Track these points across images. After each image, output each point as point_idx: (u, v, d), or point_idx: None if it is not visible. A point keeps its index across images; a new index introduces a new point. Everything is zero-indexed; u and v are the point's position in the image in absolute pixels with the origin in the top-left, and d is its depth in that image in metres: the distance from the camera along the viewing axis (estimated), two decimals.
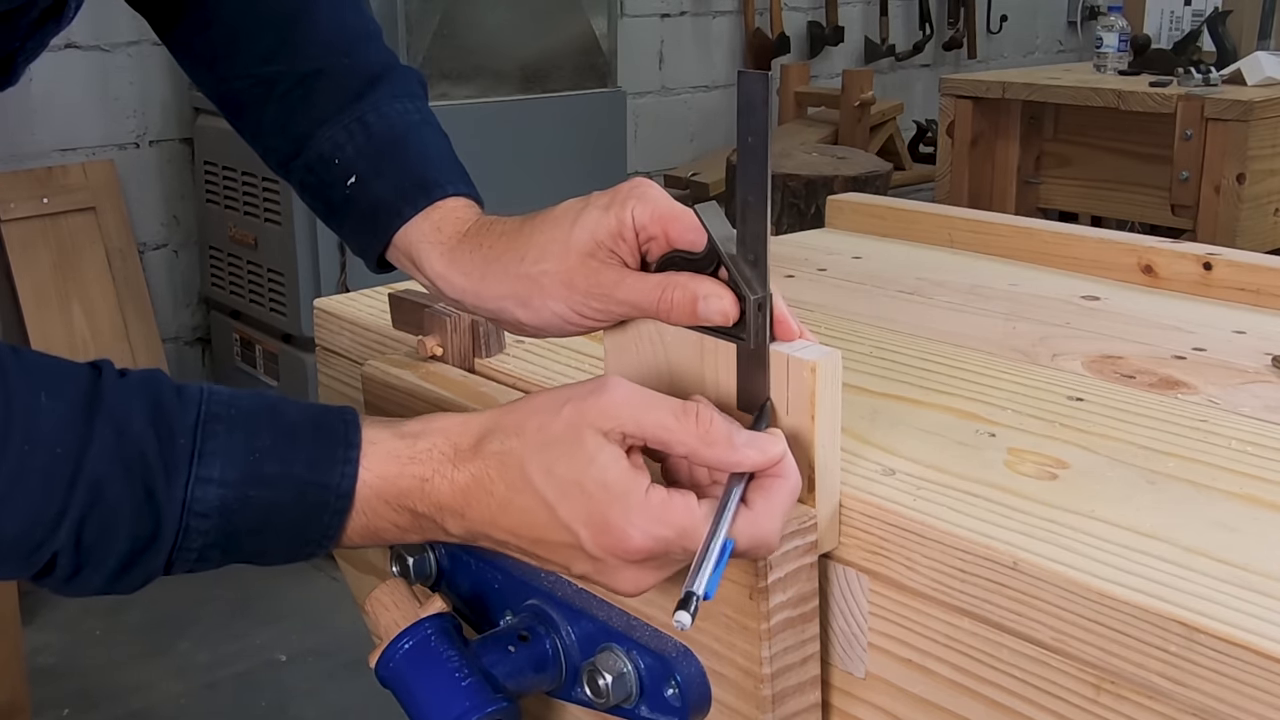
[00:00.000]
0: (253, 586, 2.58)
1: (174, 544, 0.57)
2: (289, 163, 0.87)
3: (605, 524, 0.56)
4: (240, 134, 0.92)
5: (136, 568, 0.58)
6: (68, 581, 0.58)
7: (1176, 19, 3.38)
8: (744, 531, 0.54)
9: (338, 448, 0.60)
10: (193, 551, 0.58)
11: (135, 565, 0.58)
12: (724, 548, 0.52)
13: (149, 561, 0.58)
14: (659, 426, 0.56)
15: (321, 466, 0.59)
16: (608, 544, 0.56)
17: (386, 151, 0.84)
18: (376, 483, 0.60)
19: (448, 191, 0.82)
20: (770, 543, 0.55)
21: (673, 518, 0.55)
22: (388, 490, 0.60)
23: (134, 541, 0.57)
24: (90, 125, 2.85)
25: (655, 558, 0.56)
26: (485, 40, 2.72)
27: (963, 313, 0.91)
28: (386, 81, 0.87)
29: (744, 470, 0.55)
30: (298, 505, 0.59)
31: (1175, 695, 0.48)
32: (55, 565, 0.56)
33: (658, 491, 0.55)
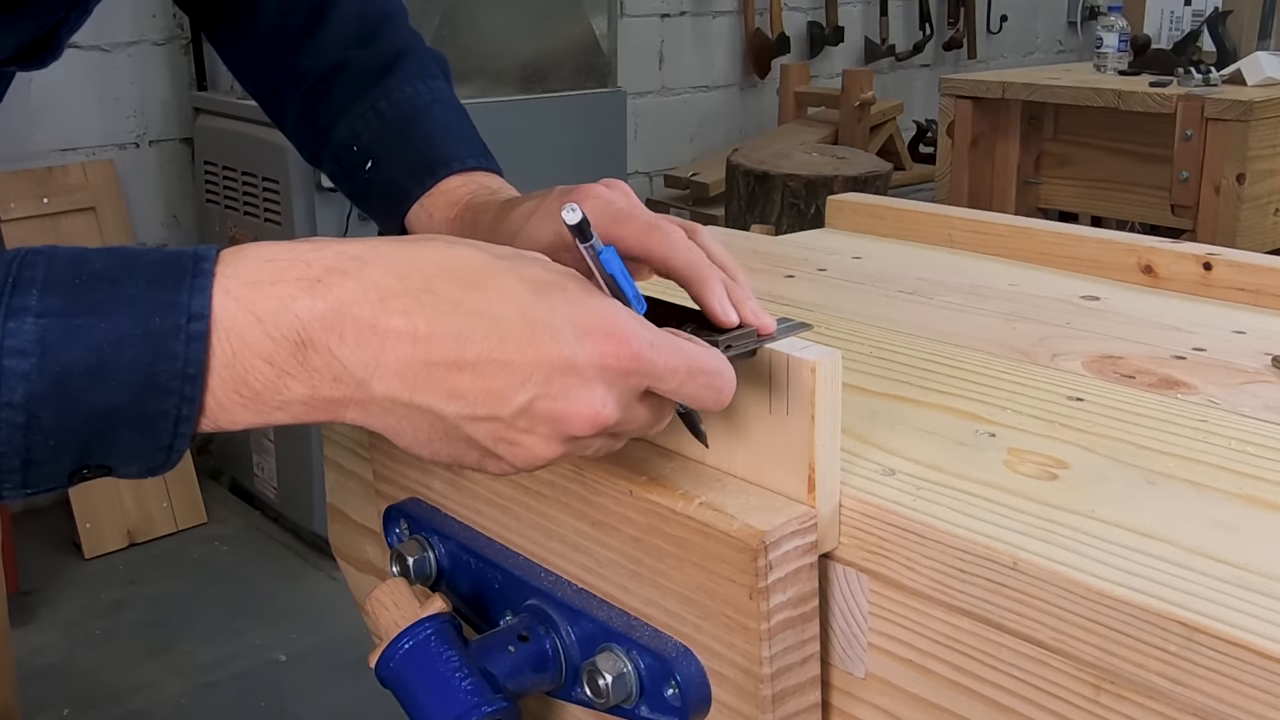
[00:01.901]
0: (253, 586, 2.58)
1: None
2: (319, 153, 0.91)
3: (606, 322, 0.50)
4: (278, 128, 0.95)
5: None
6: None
7: (1176, 19, 3.38)
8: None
9: (185, 261, 0.48)
10: (17, 410, 0.46)
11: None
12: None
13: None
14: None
15: (166, 282, 0.47)
16: (603, 340, 0.50)
17: (397, 135, 0.87)
18: (243, 292, 0.48)
19: (452, 169, 0.84)
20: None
21: (687, 351, 0.52)
22: (260, 301, 0.47)
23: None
24: (90, 125, 2.85)
25: (631, 392, 0.51)
26: (485, 40, 2.72)
27: (963, 313, 0.91)
28: (400, 66, 0.90)
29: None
30: (138, 332, 0.46)
31: (1175, 695, 0.48)
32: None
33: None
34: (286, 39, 0.91)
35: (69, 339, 0.46)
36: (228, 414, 0.49)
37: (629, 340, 0.51)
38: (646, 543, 0.60)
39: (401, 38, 0.92)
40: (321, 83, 0.90)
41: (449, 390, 0.49)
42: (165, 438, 0.49)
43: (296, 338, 0.48)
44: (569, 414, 0.50)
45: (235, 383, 0.48)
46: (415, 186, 0.83)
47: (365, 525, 0.86)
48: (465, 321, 0.49)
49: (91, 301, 0.47)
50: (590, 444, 0.53)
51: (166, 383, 0.47)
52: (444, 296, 0.49)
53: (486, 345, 0.49)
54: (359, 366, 0.49)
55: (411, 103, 0.88)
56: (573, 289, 0.52)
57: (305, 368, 0.48)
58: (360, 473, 0.85)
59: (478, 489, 0.70)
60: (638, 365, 0.51)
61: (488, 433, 0.51)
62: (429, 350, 0.49)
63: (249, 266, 0.48)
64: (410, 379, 0.49)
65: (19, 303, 0.46)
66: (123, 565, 2.68)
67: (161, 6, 2.92)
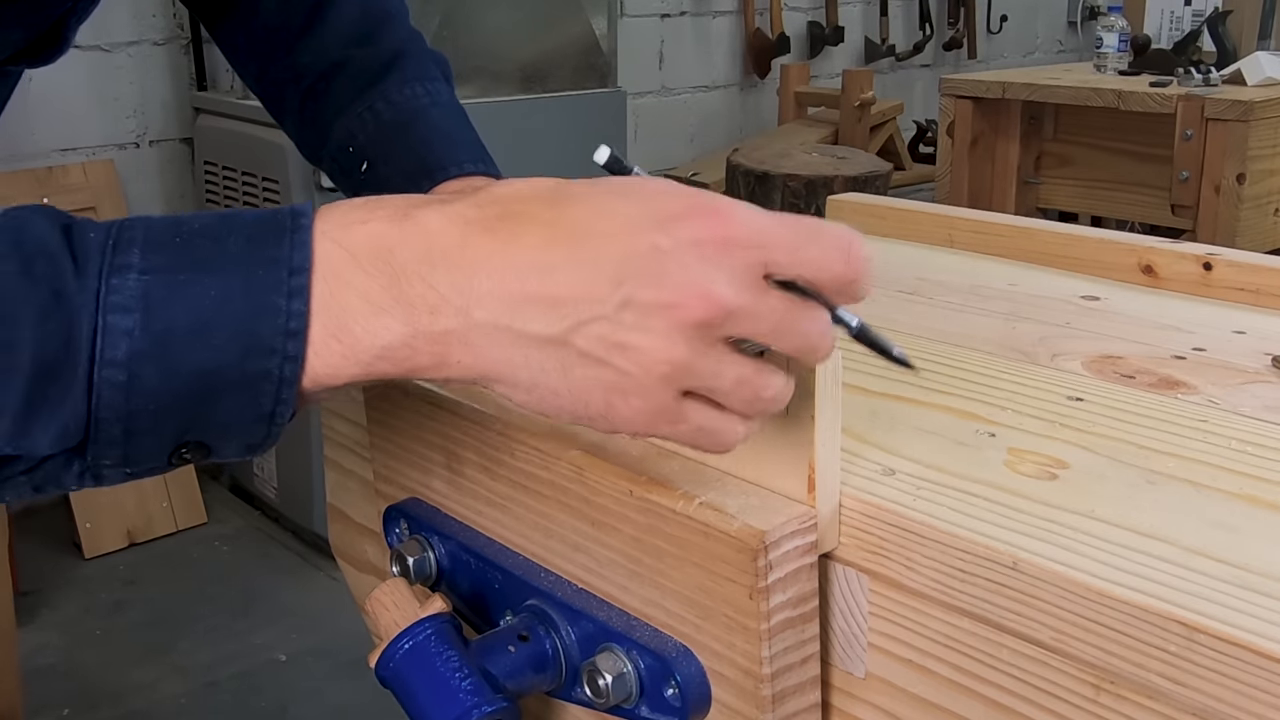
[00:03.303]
0: (253, 586, 2.58)
1: (92, 353, 0.45)
2: (318, 152, 0.91)
3: (695, 201, 0.47)
4: (280, 126, 0.95)
5: (51, 397, 0.45)
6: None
7: (1176, 19, 3.38)
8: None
9: (284, 218, 0.48)
10: (119, 368, 0.45)
11: (49, 392, 0.45)
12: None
13: (66, 385, 0.45)
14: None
15: (266, 238, 0.47)
16: (693, 219, 0.46)
17: (394, 137, 0.86)
18: (337, 233, 0.48)
19: (450, 173, 0.84)
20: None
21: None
22: (353, 239, 0.47)
23: (41, 351, 0.45)
24: (90, 125, 2.85)
25: (745, 269, 0.46)
26: (485, 40, 2.72)
27: (963, 313, 0.91)
28: (399, 67, 0.89)
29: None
30: (240, 287, 0.46)
31: (1175, 695, 0.48)
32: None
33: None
34: (287, 35, 0.91)
35: (172, 295, 0.46)
36: (328, 366, 0.48)
37: (721, 213, 0.47)
38: (646, 543, 0.60)
39: (402, 38, 0.92)
40: (321, 81, 0.90)
41: (546, 300, 0.47)
42: (268, 403, 0.48)
43: (390, 269, 0.47)
44: (676, 297, 0.46)
45: (334, 327, 0.47)
46: (411, 189, 0.83)
47: (365, 525, 0.86)
48: (546, 229, 0.47)
49: (194, 258, 0.46)
50: (725, 358, 0.48)
51: (269, 339, 0.46)
52: (522, 213, 0.48)
53: (570, 246, 0.47)
54: (454, 291, 0.47)
55: (410, 105, 0.87)
56: (652, 185, 0.49)
57: (401, 301, 0.47)
58: (360, 473, 0.85)
59: (478, 489, 0.70)
60: (741, 234, 0.47)
61: (598, 338, 0.47)
62: (517, 262, 0.47)
63: (340, 213, 0.48)
64: (506, 297, 0.47)
65: (121, 260, 0.46)
66: (123, 565, 2.68)
67: (161, 6, 2.92)
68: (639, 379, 0.48)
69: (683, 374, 0.48)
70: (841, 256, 0.49)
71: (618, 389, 0.48)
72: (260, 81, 0.95)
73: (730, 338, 0.48)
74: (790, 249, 0.48)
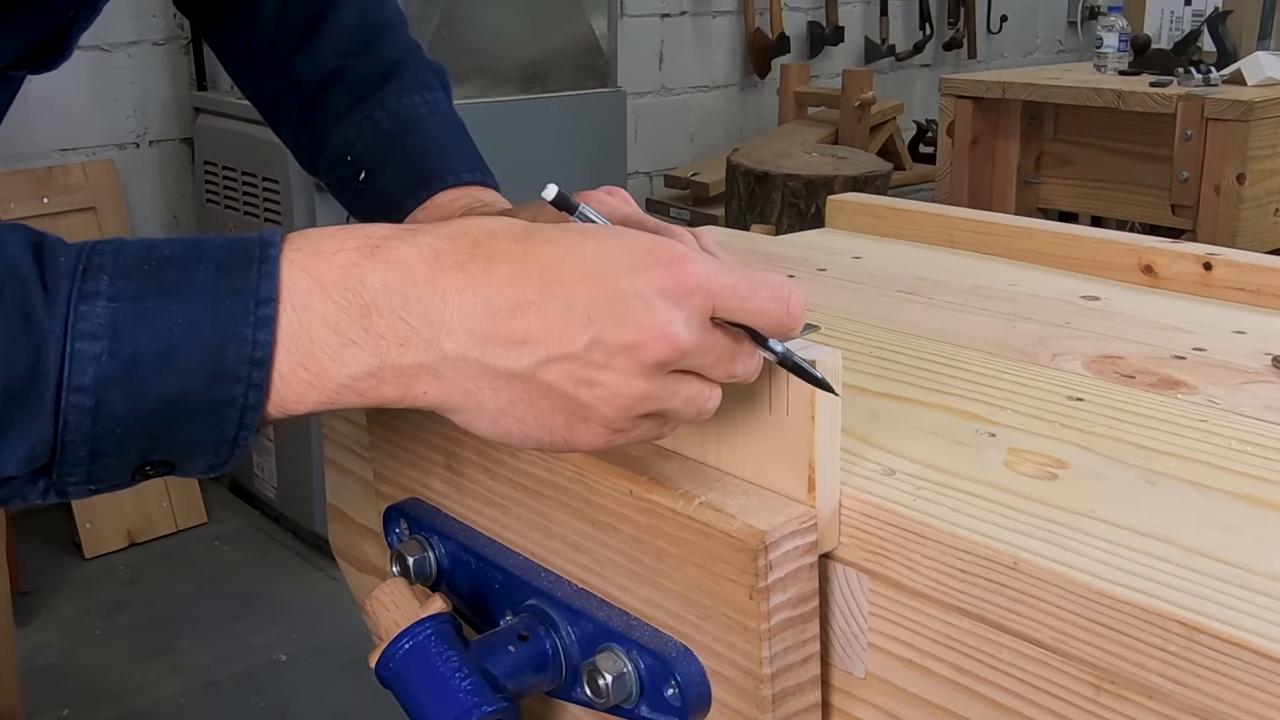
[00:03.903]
0: (253, 586, 2.58)
1: (60, 378, 0.46)
2: (315, 161, 0.91)
3: (659, 249, 0.50)
4: (277, 135, 0.94)
5: (18, 420, 0.46)
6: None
7: (1176, 19, 3.38)
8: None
9: (253, 247, 0.48)
10: (87, 393, 0.46)
11: (16, 415, 0.46)
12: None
13: (33, 410, 0.46)
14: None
15: (235, 267, 0.47)
16: (659, 265, 0.49)
17: (391, 146, 0.86)
18: (307, 262, 0.48)
19: (447, 183, 0.84)
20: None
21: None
22: (324, 270, 0.48)
23: (8, 376, 0.45)
24: (90, 125, 2.85)
25: (698, 313, 0.50)
26: (485, 40, 2.72)
27: (963, 313, 0.91)
28: (397, 76, 0.89)
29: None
30: (207, 316, 0.47)
31: (1175, 695, 0.48)
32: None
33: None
34: (284, 44, 0.91)
35: (139, 322, 0.46)
36: (294, 393, 0.49)
37: (684, 261, 0.50)
38: (646, 543, 0.60)
39: (400, 47, 0.92)
40: (319, 90, 0.89)
41: (517, 336, 0.49)
42: (231, 429, 0.49)
43: (361, 301, 0.48)
44: (640, 339, 0.49)
45: (301, 355, 0.48)
46: (409, 199, 0.83)
47: (365, 525, 0.86)
48: (518, 266, 0.49)
49: (162, 286, 0.47)
50: (676, 385, 0.51)
51: (234, 368, 0.47)
52: (494, 249, 0.49)
53: (543, 284, 0.49)
54: (424, 324, 0.48)
55: (407, 114, 0.87)
56: (618, 230, 0.52)
57: (371, 334, 0.48)
58: (360, 473, 0.85)
59: (478, 489, 0.70)
60: (697, 283, 0.50)
61: (566, 375, 0.49)
62: (488, 297, 0.48)
63: (311, 242, 0.49)
64: (477, 331, 0.48)
65: (90, 287, 0.46)
66: (123, 565, 2.68)
67: (161, 6, 2.92)
68: (601, 410, 0.50)
69: (641, 404, 0.51)
70: (782, 308, 0.53)
71: (580, 416, 0.51)
72: (258, 90, 0.94)
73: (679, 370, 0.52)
74: (738, 298, 0.52)
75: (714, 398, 0.54)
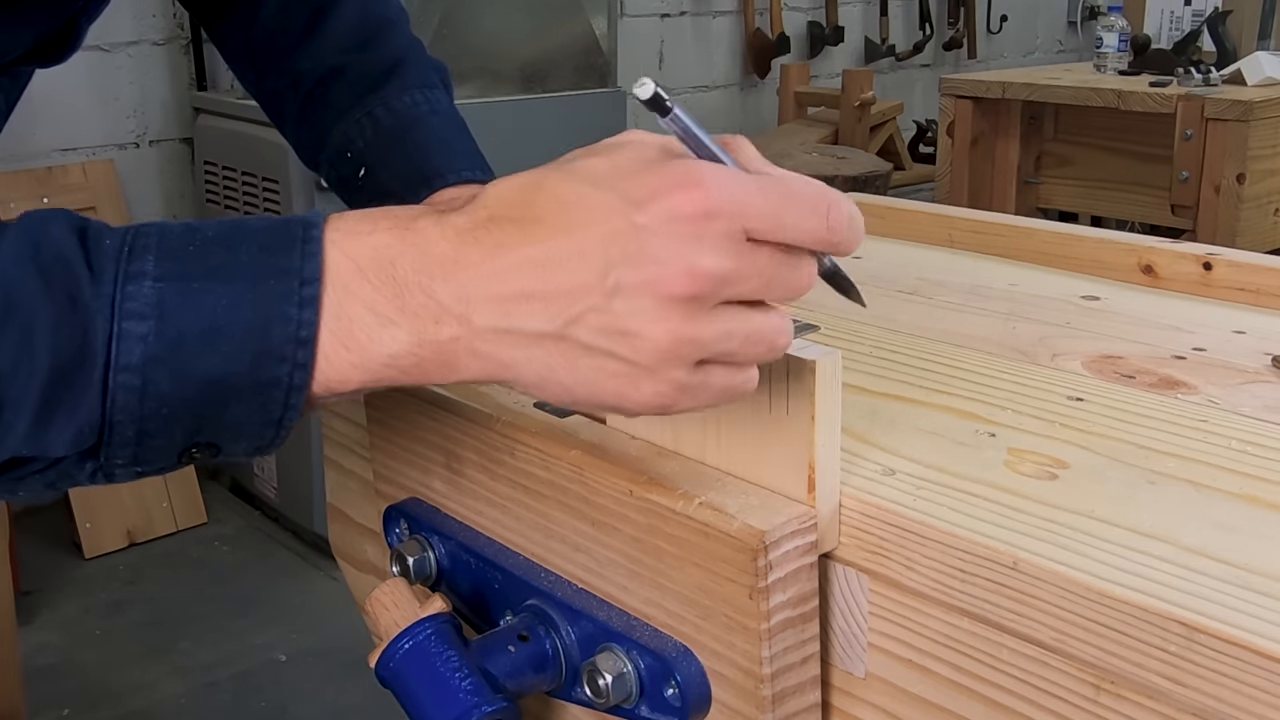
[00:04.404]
0: (253, 586, 2.58)
1: (107, 358, 0.46)
2: (316, 157, 0.91)
3: (671, 174, 0.47)
4: (279, 131, 0.95)
5: (66, 401, 0.46)
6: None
7: (1176, 19, 3.38)
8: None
9: (295, 228, 0.49)
10: (134, 373, 0.46)
11: (64, 396, 0.46)
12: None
13: (81, 390, 0.46)
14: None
15: (278, 248, 0.48)
16: (669, 192, 0.47)
17: (392, 144, 0.86)
18: (345, 243, 0.49)
19: (448, 180, 0.84)
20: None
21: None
22: (362, 251, 0.49)
23: (57, 357, 0.46)
24: (90, 125, 2.85)
25: (726, 237, 0.47)
26: (485, 40, 2.72)
27: (963, 313, 0.91)
28: (399, 74, 0.89)
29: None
30: (252, 296, 0.47)
31: (1175, 695, 0.48)
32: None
33: None
34: (285, 40, 0.91)
35: (185, 302, 0.47)
36: (338, 373, 0.49)
37: (700, 183, 0.47)
38: (646, 543, 0.60)
39: (401, 45, 0.92)
40: (320, 87, 0.90)
41: (538, 297, 0.48)
42: (276, 409, 0.49)
43: (393, 281, 0.48)
44: (660, 275, 0.47)
45: (343, 335, 0.48)
46: (409, 196, 0.83)
47: (365, 525, 0.86)
48: (528, 229, 0.48)
49: (207, 266, 0.47)
50: (727, 322, 0.48)
51: (279, 348, 0.48)
52: (503, 216, 0.49)
53: (553, 241, 0.48)
54: (453, 300, 0.48)
55: (409, 112, 0.87)
56: (631, 160, 0.50)
57: (405, 312, 0.48)
58: (360, 473, 0.85)
59: (478, 489, 0.70)
60: (717, 204, 0.47)
61: (597, 329, 0.48)
62: (505, 265, 0.48)
63: (349, 223, 0.49)
64: (500, 301, 0.48)
65: (136, 268, 0.47)
66: (123, 565, 2.68)
67: (161, 6, 2.92)
68: (646, 364, 0.48)
69: (689, 348, 0.48)
70: (820, 221, 0.49)
71: (627, 376, 0.49)
72: (259, 86, 0.95)
73: (726, 301, 0.49)
74: (769, 216, 0.48)
75: (784, 329, 0.50)
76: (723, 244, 0.47)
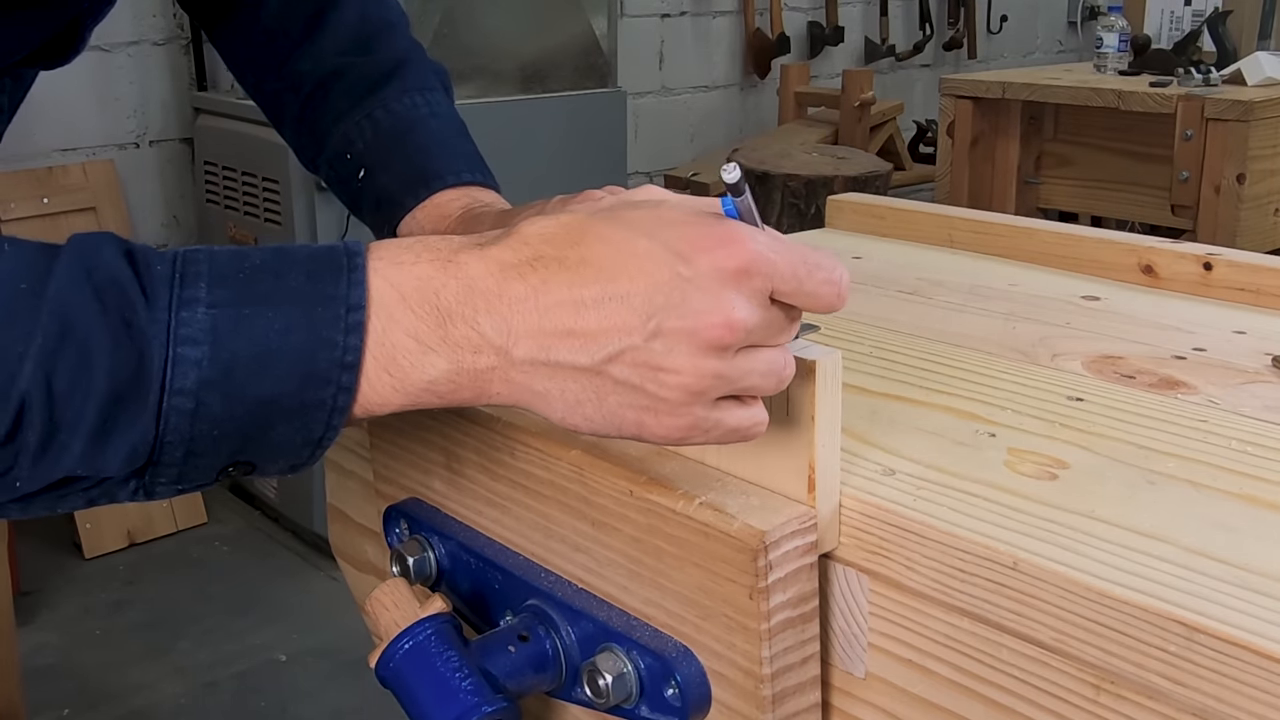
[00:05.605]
0: (253, 586, 2.58)
1: (162, 382, 0.48)
2: (315, 159, 0.91)
3: (715, 231, 0.51)
4: (279, 133, 0.95)
5: (121, 423, 0.48)
6: (41, 452, 0.47)
7: (1176, 19, 3.38)
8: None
9: (340, 256, 0.51)
10: (188, 396, 0.48)
11: (120, 418, 0.48)
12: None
13: (135, 412, 0.48)
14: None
15: (325, 275, 0.50)
16: (715, 248, 0.50)
17: (391, 146, 0.86)
18: (389, 272, 0.51)
19: (447, 183, 0.84)
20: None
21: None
22: (405, 280, 0.51)
23: (114, 380, 0.47)
24: (90, 125, 2.85)
25: (757, 294, 0.51)
26: (485, 40, 2.72)
27: (963, 313, 0.91)
28: (399, 76, 0.90)
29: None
30: (303, 322, 0.49)
31: (1175, 695, 0.48)
32: (23, 422, 0.47)
33: None
34: (286, 42, 0.91)
35: (238, 328, 0.49)
36: (379, 396, 0.51)
37: (741, 243, 0.51)
38: (646, 543, 0.60)
39: (402, 47, 0.92)
40: (320, 88, 0.90)
41: (579, 335, 0.50)
42: (318, 430, 0.51)
43: (436, 311, 0.50)
44: (700, 323, 0.50)
45: (385, 360, 0.51)
46: (408, 198, 0.83)
47: (365, 525, 0.86)
48: (575, 271, 0.51)
49: (258, 292, 0.49)
50: (748, 362, 0.52)
51: (326, 371, 0.50)
52: (551, 256, 0.51)
53: (599, 285, 0.50)
54: (495, 333, 0.51)
55: (409, 114, 0.88)
56: (674, 215, 0.53)
57: (447, 342, 0.51)
58: (360, 473, 0.85)
59: (478, 489, 0.70)
60: (754, 264, 0.51)
61: (630, 365, 0.51)
62: (550, 303, 0.50)
63: (391, 252, 0.51)
64: (541, 336, 0.51)
65: (189, 294, 0.48)
66: (123, 565, 2.68)
67: (161, 6, 2.92)
68: (671, 400, 0.52)
69: (714, 386, 0.52)
70: (835, 291, 0.54)
71: (650, 410, 0.52)
72: (259, 88, 0.95)
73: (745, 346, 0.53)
74: (795, 280, 0.52)
75: (789, 363, 0.54)
76: (755, 299, 0.52)
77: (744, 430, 0.54)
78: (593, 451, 0.62)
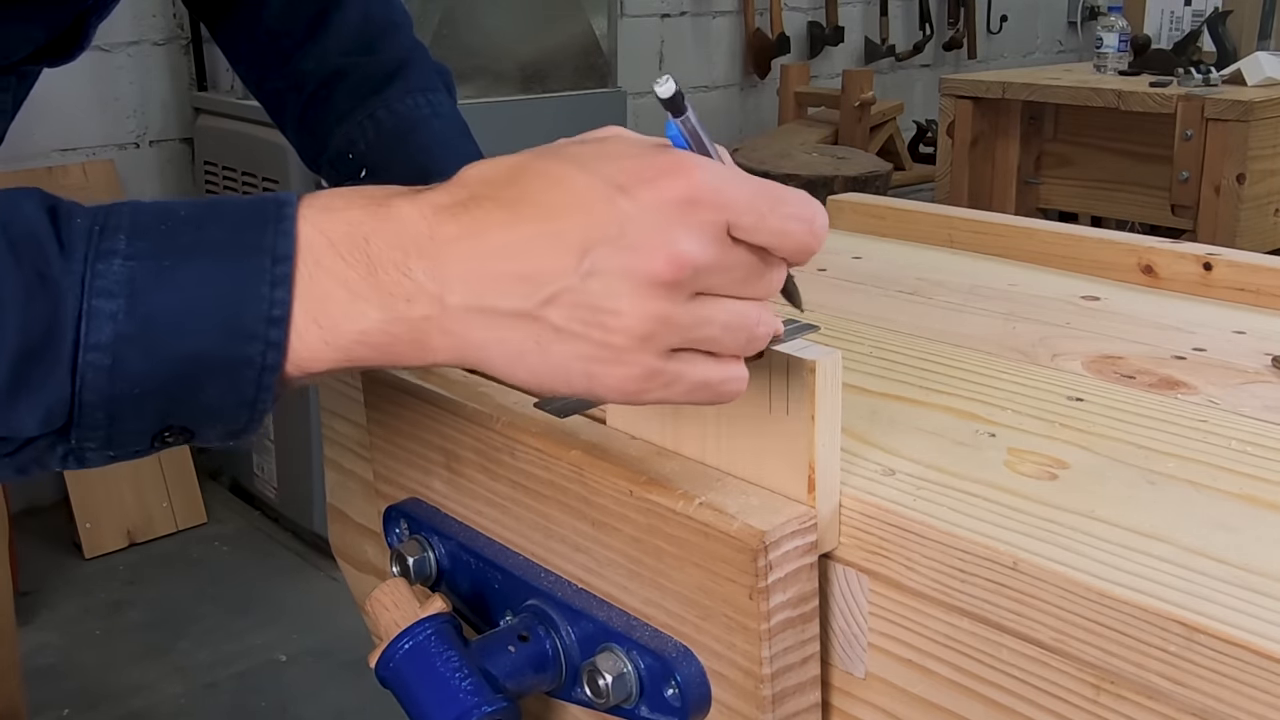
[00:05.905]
0: (253, 586, 2.58)
1: (76, 336, 0.46)
2: (317, 159, 0.91)
3: (660, 162, 0.47)
4: (281, 132, 0.95)
5: (34, 379, 0.46)
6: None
7: (1176, 19, 3.38)
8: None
9: (269, 206, 0.49)
10: (104, 351, 0.46)
11: (32, 374, 0.46)
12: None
13: (49, 368, 0.46)
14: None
15: (251, 226, 0.48)
16: (657, 179, 0.46)
17: (394, 146, 0.87)
18: (317, 218, 0.48)
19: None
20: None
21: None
22: (335, 226, 0.48)
23: (25, 335, 0.45)
24: (90, 125, 2.85)
25: (709, 227, 0.46)
26: (485, 40, 2.72)
27: (963, 313, 0.91)
28: (402, 77, 0.90)
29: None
30: (223, 274, 0.47)
31: (1175, 695, 0.48)
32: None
33: None
34: (289, 42, 0.91)
35: (157, 281, 0.46)
36: (310, 350, 0.48)
37: (686, 171, 0.47)
38: (646, 543, 0.60)
39: (405, 48, 0.92)
40: (322, 88, 0.90)
41: (514, 278, 0.47)
42: (249, 390, 0.48)
43: (366, 258, 0.48)
44: (639, 259, 0.46)
45: (314, 311, 0.48)
46: None
47: (365, 525, 0.86)
48: (509, 209, 0.48)
49: (178, 245, 0.47)
50: (707, 309, 0.48)
51: (251, 326, 0.47)
52: (485, 196, 0.49)
53: (534, 224, 0.47)
54: (428, 279, 0.48)
55: (411, 115, 0.88)
56: (618, 147, 0.49)
57: (379, 290, 0.48)
58: (360, 473, 0.85)
59: (478, 489, 0.70)
60: (700, 193, 0.47)
61: (569, 308, 0.47)
62: (482, 243, 0.48)
63: (323, 199, 0.49)
64: (475, 280, 0.48)
65: (107, 246, 0.46)
66: (123, 565, 2.68)
67: (161, 6, 2.92)
68: (617, 346, 0.47)
69: (663, 332, 0.48)
70: (806, 229, 0.50)
71: (597, 359, 0.48)
72: (262, 87, 0.95)
73: (702, 292, 0.49)
74: (754, 213, 0.48)
75: (765, 319, 0.50)
76: (704, 233, 0.47)
77: (714, 386, 0.50)
78: (593, 452, 0.62)
